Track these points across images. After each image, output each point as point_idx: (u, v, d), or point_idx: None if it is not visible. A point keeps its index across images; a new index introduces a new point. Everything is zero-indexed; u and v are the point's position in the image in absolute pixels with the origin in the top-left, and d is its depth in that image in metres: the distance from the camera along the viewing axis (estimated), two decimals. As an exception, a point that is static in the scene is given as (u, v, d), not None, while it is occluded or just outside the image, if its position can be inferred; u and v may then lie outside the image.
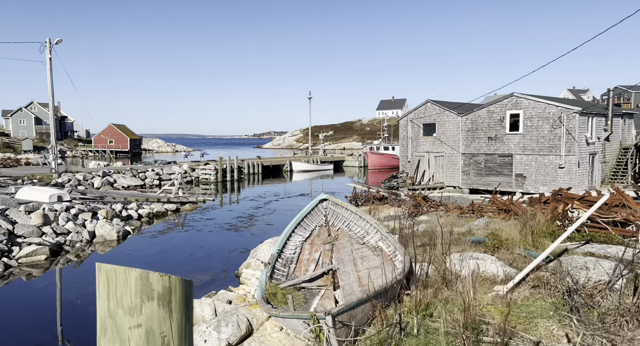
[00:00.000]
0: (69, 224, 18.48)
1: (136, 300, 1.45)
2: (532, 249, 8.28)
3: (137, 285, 1.45)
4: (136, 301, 1.45)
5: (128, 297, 1.45)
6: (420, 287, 8.34)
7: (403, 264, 9.73)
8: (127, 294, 1.45)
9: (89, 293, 12.71)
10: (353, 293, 9.92)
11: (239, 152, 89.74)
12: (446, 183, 30.09)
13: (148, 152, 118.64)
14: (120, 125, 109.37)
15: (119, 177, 36.50)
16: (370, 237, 12.50)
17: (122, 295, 1.45)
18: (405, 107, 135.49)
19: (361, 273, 10.74)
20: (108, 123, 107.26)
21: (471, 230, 11.03)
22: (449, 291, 8.03)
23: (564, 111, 24.80)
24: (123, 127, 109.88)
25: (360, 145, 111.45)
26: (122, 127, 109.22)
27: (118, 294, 1.46)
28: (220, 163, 41.38)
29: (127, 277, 1.46)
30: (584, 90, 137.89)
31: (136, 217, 22.40)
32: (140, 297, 1.45)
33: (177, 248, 17.50)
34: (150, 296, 1.46)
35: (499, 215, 12.81)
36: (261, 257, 13.03)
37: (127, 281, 1.45)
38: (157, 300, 1.47)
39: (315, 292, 10.50)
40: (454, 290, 7.84)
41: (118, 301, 1.46)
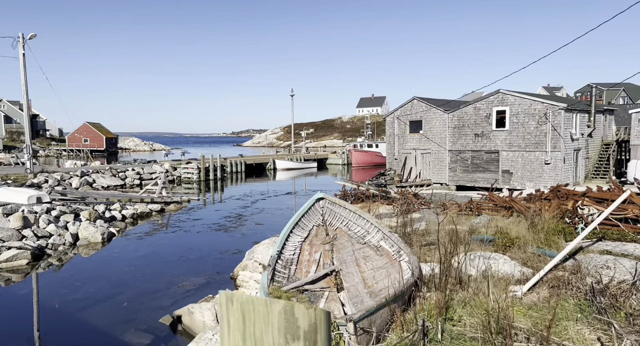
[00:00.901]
0: (50, 227, 17.71)
1: (280, 341, 1.11)
2: (544, 248, 8.13)
3: (281, 320, 1.12)
4: (280, 342, 1.11)
5: (270, 337, 1.11)
6: (434, 289, 8.12)
7: (410, 265, 9.49)
8: (269, 333, 1.11)
9: (74, 299, 12.12)
10: (359, 295, 9.64)
11: (220, 150, 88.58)
12: (433, 180, 30.12)
13: (125, 151, 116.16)
14: (96, 124, 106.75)
15: (98, 177, 35.46)
16: (371, 236, 12.24)
17: (263, 335, 1.11)
18: (385, 104, 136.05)
19: (365, 274, 10.47)
20: (82, 122, 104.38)
21: (475, 228, 10.87)
22: (463, 293, 7.83)
23: (549, 107, 25.03)
24: (98, 125, 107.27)
25: (341, 142, 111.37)
26: (97, 125, 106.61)
27: (257, 333, 1.12)
28: (202, 162, 40.62)
29: (269, 311, 1.11)
30: (557, 87, 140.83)
31: (120, 218, 21.68)
32: (284, 337, 1.12)
33: (166, 250, 16.94)
34: (295, 335, 1.13)
35: (498, 212, 12.71)
36: (259, 259, 12.64)
37: (268, 316, 1.11)
38: (303, 340, 1.14)
39: (318, 294, 10.18)
40: (470, 291, 7.64)
41: (257, 342, 1.12)
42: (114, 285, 13.20)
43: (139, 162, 46.53)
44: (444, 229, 12.21)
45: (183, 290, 12.65)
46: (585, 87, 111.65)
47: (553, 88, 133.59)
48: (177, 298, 12.05)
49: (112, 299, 12.17)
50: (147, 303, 11.83)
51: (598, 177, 28.36)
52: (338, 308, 9.31)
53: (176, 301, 11.82)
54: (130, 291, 12.64)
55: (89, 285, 13.19)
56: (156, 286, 12.96)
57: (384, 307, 6.74)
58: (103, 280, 13.63)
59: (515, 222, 10.73)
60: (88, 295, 12.39)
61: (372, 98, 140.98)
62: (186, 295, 12.32)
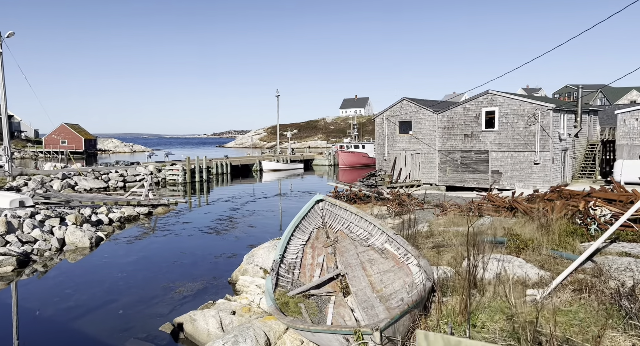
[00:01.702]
0: (35, 231, 17.06)
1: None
2: (559, 249, 8.01)
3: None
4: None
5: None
6: (449, 293, 7.93)
7: (422, 268, 9.28)
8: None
9: (67, 307, 11.61)
10: (368, 299, 9.39)
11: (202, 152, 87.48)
12: (423, 180, 30.12)
13: (104, 152, 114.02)
14: (74, 125, 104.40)
15: (81, 180, 34.54)
16: (375, 238, 12.00)
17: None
18: (368, 105, 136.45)
19: (372, 278, 10.23)
20: (60, 123, 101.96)
21: (480, 230, 10.73)
22: (479, 297, 7.65)
23: (538, 108, 25.24)
24: (77, 126, 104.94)
25: (325, 143, 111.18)
26: (75, 126, 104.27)
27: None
28: (188, 164, 39.93)
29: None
30: (536, 88, 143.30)
31: (107, 222, 21.05)
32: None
33: (158, 255, 16.45)
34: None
35: (499, 213, 12.62)
36: (259, 262, 12.30)
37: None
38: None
39: (325, 299, 9.90)
40: (487, 295, 7.47)
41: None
42: (107, 291, 12.71)
43: (122, 164, 45.54)
44: (448, 231, 12.07)
45: (180, 296, 12.24)
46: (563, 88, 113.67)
47: (532, 89, 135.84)
48: (175, 305, 11.64)
49: (107, 307, 11.69)
50: (144, 310, 11.40)
51: (584, 176, 28.74)
52: (348, 314, 9.06)
53: (174, 308, 11.41)
54: (125, 298, 12.18)
55: (80, 292, 12.67)
56: (152, 293, 12.51)
57: (406, 314, 6.51)
58: (95, 286, 13.12)
59: (520, 223, 10.64)
60: (81, 303, 11.89)
61: (355, 99, 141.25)
62: (184, 301, 11.92)
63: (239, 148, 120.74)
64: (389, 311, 8.48)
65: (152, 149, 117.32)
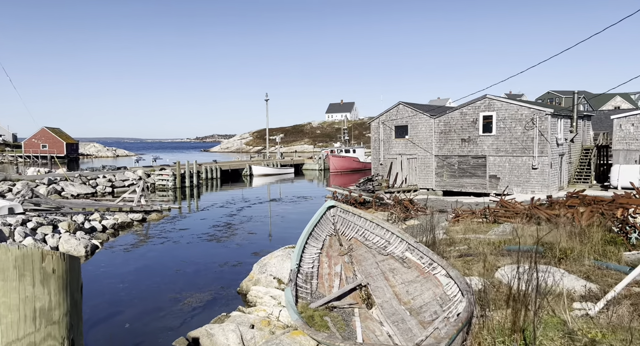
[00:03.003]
0: (27, 240, 16.26)
1: None
2: (602, 260, 7.72)
3: None
4: None
5: None
6: (492, 307, 7.55)
7: (452, 279, 8.89)
8: None
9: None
10: (396, 312, 8.94)
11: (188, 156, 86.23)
12: (419, 185, 29.94)
13: (86, 157, 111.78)
14: (55, 129, 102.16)
15: (67, 185, 33.52)
16: (394, 247, 11.59)
17: None
18: (354, 110, 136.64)
19: (396, 289, 9.80)
20: (40, 127, 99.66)
21: (505, 237, 10.43)
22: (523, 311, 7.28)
23: (536, 113, 25.27)
24: (58, 130, 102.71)
25: (312, 148, 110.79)
26: (56, 130, 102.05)
27: None
28: (178, 168, 39.12)
29: None
30: (519, 94, 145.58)
31: (100, 229, 20.28)
32: None
33: (158, 264, 15.81)
34: None
35: (514, 219, 12.35)
36: (273, 272, 11.79)
37: None
38: None
39: (348, 312, 9.43)
40: (533, 309, 7.12)
41: None
42: (109, 303, 12.06)
43: (109, 169, 44.44)
44: (468, 238, 11.76)
45: (189, 307, 11.67)
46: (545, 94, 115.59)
47: (515, 95, 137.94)
48: (185, 318, 11.07)
49: (111, 320, 11.07)
50: (151, 324, 10.80)
51: (580, 181, 28.89)
52: (377, 328, 8.62)
53: (185, 321, 10.84)
54: (130, 311, 11.56)
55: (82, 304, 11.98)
56: (158, 305, 11.91)
57: (461, 332, 6.11)
58: (96, 298, 12.44)
59: (544, 231, 10.35)
60: (83, 316, 11.21)
61: (341, 104, 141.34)
62: (194, 313, 11.35)
63: (224, 153, 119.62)
64: (423, 325, 8.07)
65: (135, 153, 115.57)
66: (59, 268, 1.89)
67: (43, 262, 1.82)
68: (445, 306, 8.21)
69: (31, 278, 1.80)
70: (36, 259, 1.81)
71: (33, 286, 1.80)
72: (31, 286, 1.80)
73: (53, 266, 1.84)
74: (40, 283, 1.82)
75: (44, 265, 1.82)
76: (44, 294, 1.82)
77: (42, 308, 1.82)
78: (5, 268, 1.77)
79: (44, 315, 1.83)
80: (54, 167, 55.47)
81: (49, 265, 1.83)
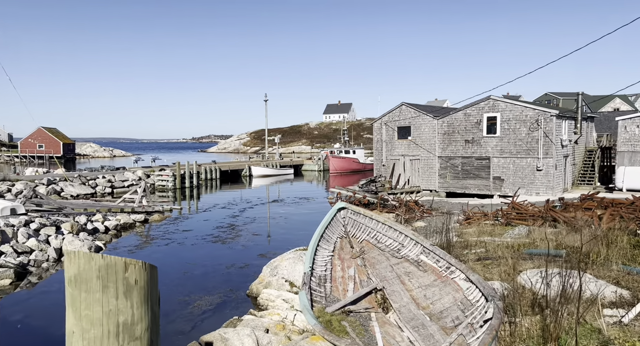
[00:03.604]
0: (30, 241, 16.01)
1: None
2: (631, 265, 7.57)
3: None
4: None
5: None
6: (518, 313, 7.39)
7: (472, 283, 8.71)
8: None
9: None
10: (415, 317, 8.74)
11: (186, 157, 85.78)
12: (422, 186, 29.81)
13: (83, 157, 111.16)
14: (52, 129, 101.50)
15: (67, 185, 33.20)
16: (408, 249, 11.42)
17: None
18: (351, 110, 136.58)
19: (413, 293, 9.61)
20: (37, 127, 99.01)
21: (522, 241, 10.29)
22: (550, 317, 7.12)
23: (541, 114, 25.20)
24: (54, 130, 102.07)
25: (309, 148, 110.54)
26: (53, 130, 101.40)
27: None
28: (178, 169, 38.85)
29: None
30: (516, 96, 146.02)
31: (103, 230, 20.04)
32: None
33: (164, 266, 15.56)
34: None
35: (527, 221, 12.22)
36: (284, 275, 11.61)
37: None
38: None
39: (365, 316, 9.24)
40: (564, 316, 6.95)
41: None
42: (117, 307, 11.83)
43: (107, 169, 44.10)
44: (483, 241, 11.61)
45: (199, 310, 11.47)
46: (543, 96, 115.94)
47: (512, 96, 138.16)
48: (196, 321, 10.87)
49: (120, 324, 10.84)
50: (162, 327, 10.56)
51: (584, 183, 28.84)
52: (398, 333, 8.43)
53: (196, 325, 10.64)
54: (139, 314, 11.33)
55: (89, 307, 11.75)
56: (167, 308, 11.67)
57: (494, 340, 5.95)
58: (103, 301, 12.21)
59: (561, 234, 10.23)
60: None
61: (338, 105, 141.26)
62: (204, 317, 11.16)
63: (222, 153, 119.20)
64: (445, 331, 7.89)
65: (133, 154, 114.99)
66: (141, 278, 1.71)
67: (126, 272, 1.65)
68: (468, 311, 8.03)
69: (114, 289, 1.63)
70: (119, 269, 1.64)
71: (116, 298, 1.63)
72: (114, 299, 1.63)
73: (136, 277, 1.67)
74: (124, 295, 1.64)
75: (127, 276, 1.65)
76: (127, 307, 1.65)
77: (125, 323, 1.64)
78: (89, 279, 1.60)
79: (127, 330, 1.65)
80: (52, 167, 55.01)
81: (132, 276, 1.66)
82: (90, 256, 1.59)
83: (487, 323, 6.93)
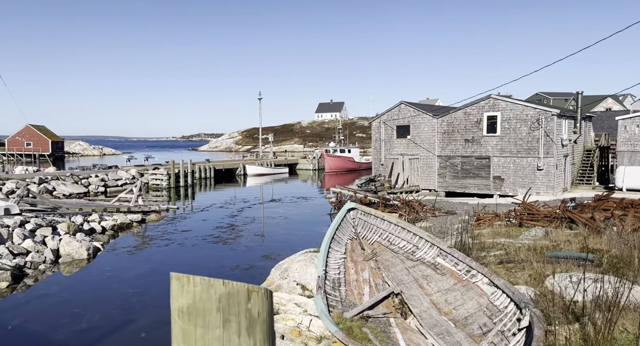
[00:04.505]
0: (27, 242, 15.48)
1: None
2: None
3: None
4: None
5: None
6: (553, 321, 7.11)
7: (498, 288, 8.41)
8: None
9: (80, 330, 10.30)
10: (438, 323, 8.41)
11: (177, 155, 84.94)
12: (421, 186, 29.61)
13: (72, 155, 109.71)
14: (40, 126, 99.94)
15: (59, 184, 32.51)
16: (423, 252, 11.11)
17: None
18: (343, 109, 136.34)
19: (433, 298, 9.30)
20: (25, 124, 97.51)
21: (541, 244, 10.04)
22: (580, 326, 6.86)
23: (542, 113, 25.11)
24: (43, 128, 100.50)
25: (302, 147, 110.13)
26: (41, 128, 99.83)
27: None
28: (173, 168, 38.27)
29: None
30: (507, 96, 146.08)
31: (100, 231, 19.52)
32: None
33: (166, 267, 15.15)
34: None
35: (548, 223, 12.00)
36: (296, 278, 11.25)
37: None
38: None
39: (384, 322, 8.90)
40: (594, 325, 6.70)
41: None
42: (122, 310, 11.42)
43: (99, 168, 43.35)
44: (500, 243, 11.35)
45: (207, 315, 11.06)
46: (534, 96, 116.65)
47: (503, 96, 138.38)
48: (205, 326, 10.46)
49: (125, 328, 10.44)
50: (170, 333, 10.16)
51: (582, 182, 28.84)
52: (422, 340, 8.09)
53: (205, 330, 10.24)
54: (145, 319, 10.94)
55: (91, 311, 11.33)
56: (173, 312, 11.29)
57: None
58: (106, 305, 11.78)
59: (580, 236, 10.00)
60: (95, 325, 10.57)
61: (331, 104, 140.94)
62: (213, 321, 10.74)
63: (213, 152, 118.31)
64: (473, 339, 7.57)
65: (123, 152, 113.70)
66: (264, 309, 1.38)
67: (249, 303, 1.31)
68: (496, 318, 7.73)
69: (237, 324, 1.29)
70: (242, 299, 1.30)
71: (239, 336, 1.29)
72: (237, 336, 1.29)
73: (259, 308, 1.34)
74: (247, 331, 1.31)
75: (250, 307, 1.31)
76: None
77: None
78: (207, 311, 1.26)
79: (250, 375, 1.31)
80: (43, 166, 54.02)
81: (255, 306, 1.33)
82: (209, 282, 1.26)
83: (520, 331, 6.65)
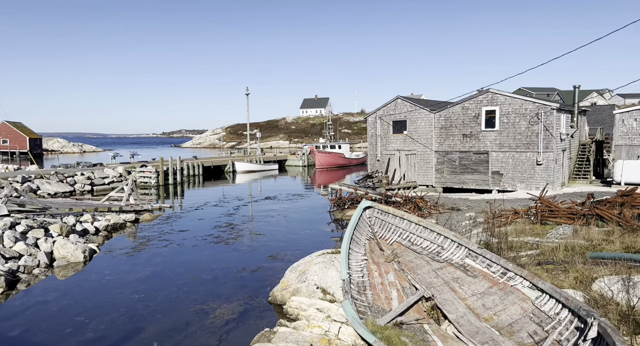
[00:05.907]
0: (19, 245, 14.59)
1: None
2: None
3: None
4: None
5: None
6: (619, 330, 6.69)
7: (544, 293, 7.88)
8: None
9: (87, 340, 9.57)
10: (480, 331, 7.86)
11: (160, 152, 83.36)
12: (418, 182, 29.28)
13: (50, 153, 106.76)
14: (16, 123, 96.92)
15: (43, 183, 31.24)
16: (450, 252, 10.61)
17: None
18: (328, 105, 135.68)
19: (468, 302, 8.78)
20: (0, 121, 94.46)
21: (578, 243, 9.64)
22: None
23: (541, 107, 24.93)
24: (20, 124, 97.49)
25: (287, 143, 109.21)
26: (18, 124, 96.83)
27: None
28: (161, 165, 37.21)
29: None
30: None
31: (93, 231, 18.63)
32: None
33: (168, 270, 14.41)
34: None
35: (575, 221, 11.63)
36: (315, 281, 10.65)
37: None
38: None
39: (418, 328, 8.36)
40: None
41: None
42: (128, 318, 10.69)
43: (84, 165, 41.99)
44: (527, 242, 10.96)
45: (221, 321, 10.43)
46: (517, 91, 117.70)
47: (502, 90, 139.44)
48: (221, 334, 9.84)
49: (135, 338, 9.73)
50: (183, 342, 9.52)
51: (579, 177, 28.86)
52: (465, 349, 7.64)
53: (222, 338, 9.62)
54: (154, 327, 10.24)
55: (96, 319, 10.58)
56: (184, 319, 10.63)
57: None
58: (110, 312, 11.04)
59: (613, 234, 9.63)
60: (102, 334, 9.84)
61: (315, 100, 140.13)
62: (229, 328, 10.12)
63: (197, 149, 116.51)
64: None
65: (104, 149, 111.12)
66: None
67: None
68: (548, 326, 7.25)
69: None
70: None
71: None
72: None
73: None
74: None
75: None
76: None
77: None
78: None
79: None
80: (23, 164, 52.20)
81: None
82: None
83: (586, 343, 6.18)
